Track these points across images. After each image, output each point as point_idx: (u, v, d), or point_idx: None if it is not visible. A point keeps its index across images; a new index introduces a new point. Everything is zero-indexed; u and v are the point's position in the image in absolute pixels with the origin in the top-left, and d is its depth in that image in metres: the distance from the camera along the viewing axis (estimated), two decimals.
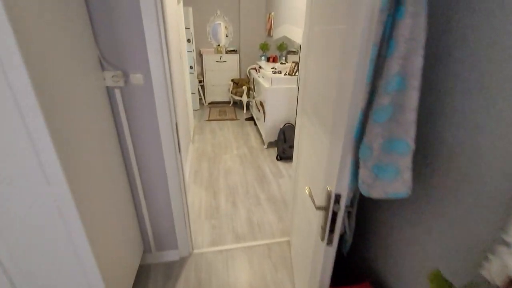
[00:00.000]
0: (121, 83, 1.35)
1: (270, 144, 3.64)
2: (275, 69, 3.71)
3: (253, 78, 4.33)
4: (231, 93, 5.31)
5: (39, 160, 0.87)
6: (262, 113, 3.59)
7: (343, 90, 0.79)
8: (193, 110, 5.24)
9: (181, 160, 1.63)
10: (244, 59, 5.55)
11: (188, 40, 4.81)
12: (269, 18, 4.92)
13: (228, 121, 4.69)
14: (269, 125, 3.45)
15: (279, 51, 4.38)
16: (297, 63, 3.28)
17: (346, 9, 0.83)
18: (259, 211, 2.36)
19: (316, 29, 1.29)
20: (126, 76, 1.35)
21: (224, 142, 3.78)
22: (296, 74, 3.28)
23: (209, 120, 4.74)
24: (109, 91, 1.36)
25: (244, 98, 5.04)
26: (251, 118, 4.72)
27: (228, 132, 4.17)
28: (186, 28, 4.59)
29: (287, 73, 3.42)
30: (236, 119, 4.78)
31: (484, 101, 0.68)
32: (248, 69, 5.54)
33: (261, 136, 3.93)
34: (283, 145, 3.23)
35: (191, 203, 2.46)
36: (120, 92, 1.37)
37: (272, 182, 2.81)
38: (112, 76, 1.31)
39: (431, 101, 0.84)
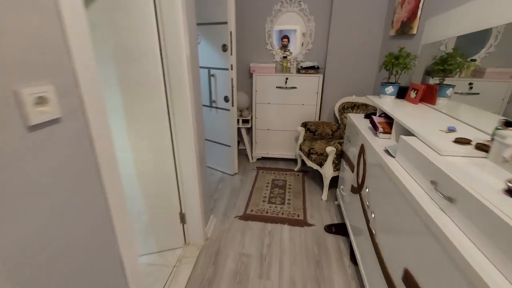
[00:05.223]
0: None
1: None
2: (466, 145, 0.91)
3: (363, 145, 1.60)
4: (301, 149, 2.67)
5: None
6: None
7: None
8: (229, 175, 2.77)
9: None
10: (332, 85, 2.85)
11: (224, 47, 2.41)
12: None
13: (287, 227, 2.04)
14: None
15: (441, 73, 1.55)
16: None
17: None
18: None
19: None
20: None
21: None
22: None
23: (244, 217, 2.16)
24: None
25: (328, 171, 2.32)
26: (342, 228, 1.95)
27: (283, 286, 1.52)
28: (210, 23, 2.22)
29: None
30: (307, 224, 2.09)
31: None
32: (338, 105, 2.80)
33: None
34: None
35: None
36: None
37: None
38: None
39: None
